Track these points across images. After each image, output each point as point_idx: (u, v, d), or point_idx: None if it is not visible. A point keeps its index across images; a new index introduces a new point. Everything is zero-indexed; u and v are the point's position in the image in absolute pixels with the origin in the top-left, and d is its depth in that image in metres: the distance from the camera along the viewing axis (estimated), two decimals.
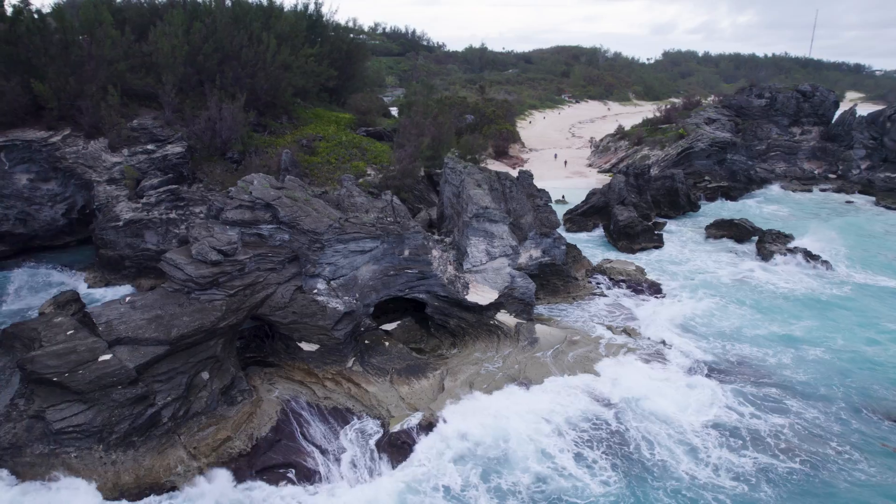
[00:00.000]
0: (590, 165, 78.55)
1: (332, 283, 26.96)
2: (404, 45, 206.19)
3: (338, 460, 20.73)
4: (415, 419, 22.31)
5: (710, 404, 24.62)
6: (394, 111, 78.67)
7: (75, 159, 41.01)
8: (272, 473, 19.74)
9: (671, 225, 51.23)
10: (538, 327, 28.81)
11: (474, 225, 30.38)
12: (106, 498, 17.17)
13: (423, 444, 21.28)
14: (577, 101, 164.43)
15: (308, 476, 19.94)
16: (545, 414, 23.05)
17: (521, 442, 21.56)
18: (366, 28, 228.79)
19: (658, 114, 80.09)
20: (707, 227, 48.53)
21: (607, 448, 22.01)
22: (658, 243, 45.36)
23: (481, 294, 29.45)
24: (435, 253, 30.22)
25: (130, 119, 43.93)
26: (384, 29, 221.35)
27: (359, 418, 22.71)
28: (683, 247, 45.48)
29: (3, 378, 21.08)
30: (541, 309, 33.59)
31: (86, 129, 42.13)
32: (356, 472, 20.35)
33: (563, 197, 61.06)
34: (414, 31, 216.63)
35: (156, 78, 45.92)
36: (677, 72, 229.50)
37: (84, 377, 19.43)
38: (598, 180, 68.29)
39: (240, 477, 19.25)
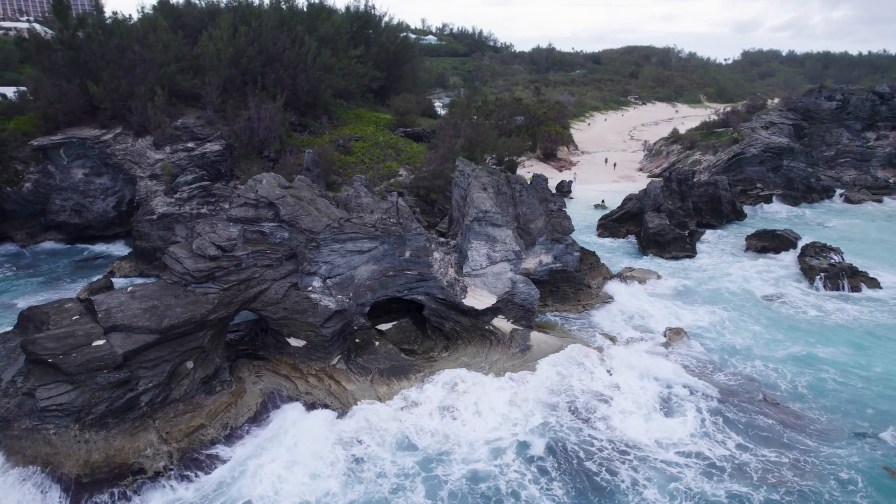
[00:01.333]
0: (640, 170, 76.05)
1: (327, 281, 27.60)
2: (470, 46, 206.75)
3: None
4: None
5: (691, 431, 22.78)
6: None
7: (123, 156, 44.00)
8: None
9: (711, 234, 48.80)
10: (534, 335, 28.31)
11: (476, 228, 30.22)
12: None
13: None
14: (643, 103, 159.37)
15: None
16: (493, 432, 22.49)
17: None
18: (433, 29, 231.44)
19: (716, 117, 76.38)
20: (748, 238, 45.89)
21: (557, 474, 20.91)
22: (690, 253, 43.34)
23: (479, 298, 29.26)
24: (436, 255, 30.32)
25: (176, 118, 46.68)
26: (451, 30, 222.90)
27: (337, 414, 23.24)
28: (717, 257, 43.19)
29: (12, 357, 23.00)
30: (547, 316, 32.98)
31: (135, 128, 45.15)
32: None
33: (602, 202, 59.53)
34: (481, 32, 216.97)
35: (203, 79, 48.50)
36: (756, 72, 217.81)
37: (75, 360, 20.90)
38: (646, 185, 66.06)
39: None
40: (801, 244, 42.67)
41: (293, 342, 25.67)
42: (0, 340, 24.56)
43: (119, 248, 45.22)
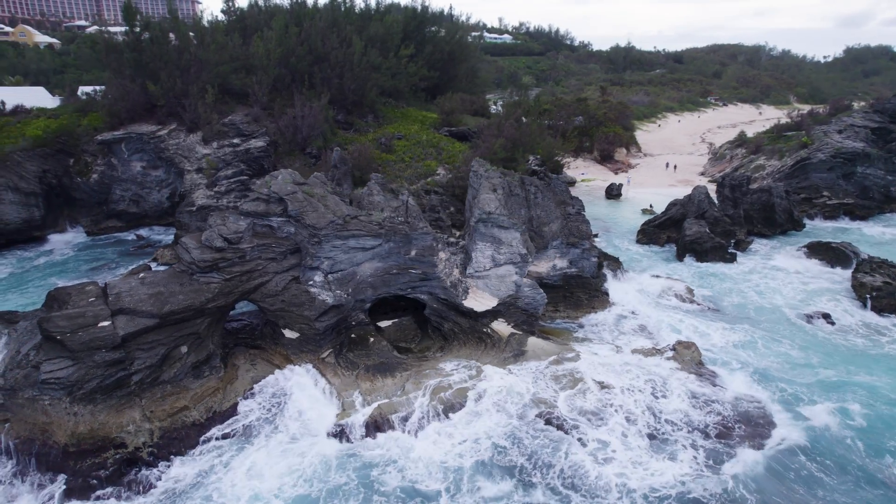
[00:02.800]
0: (702, 174, 72.31)
1: (329, 276, 28.27)
2: (546, 45, 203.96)
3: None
4: (361, 416, 22.88)
5: (674, 473, 20.66)
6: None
7: (175, 150, 46.94)
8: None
9: (760, 244, 45.66)
10: (531, 340, 27.69)
11: (481, 229, 29.94)
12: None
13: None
14: (723, 104, 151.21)
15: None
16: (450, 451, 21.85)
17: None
18: (510, 28, 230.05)
19: (790, 119, 71.31)
20: (798, 250, 42.58)
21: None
22: (730, 261, 40.76)
23: (479, 300, 28.99)
24: (442, 255, 30.31)
25: (226, 115, 49.23)
26: (528, 29, 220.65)
27: (318, 405, 23.83)
28: (760, 269, 40.32)
29: (34, 332, 25.16)
30: (557, 321, 32.16)
31: (187, 124, 48.05)
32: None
33: (650, 206, 57.20)
34: (557, 31, 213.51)
35: (253, 78, 50.84)
36: (860, 70, 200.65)
37: (80, 339, 22.63)
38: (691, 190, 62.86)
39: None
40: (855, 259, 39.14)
41: (288, 333, 26.52)
42: (30, 317, 26.94)
43: (171, 237, 48.26)
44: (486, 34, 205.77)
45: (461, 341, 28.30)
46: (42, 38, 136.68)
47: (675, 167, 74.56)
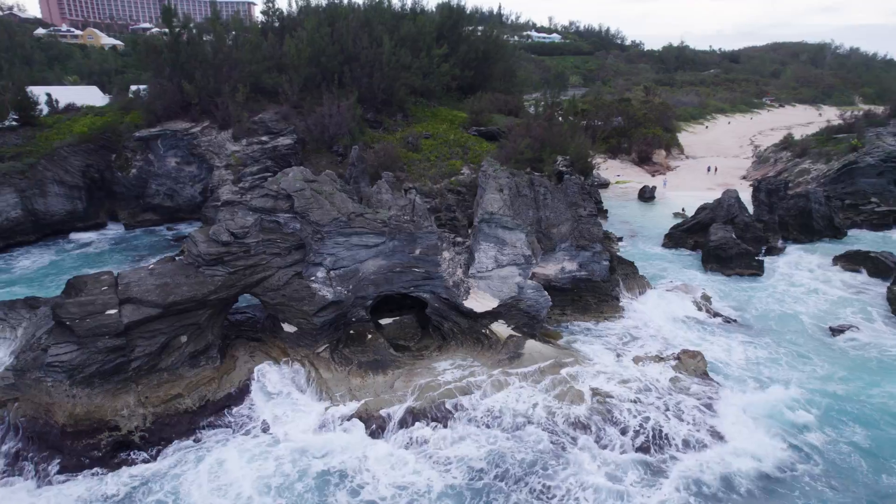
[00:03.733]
0: (744, 177, 69.49)
1: (331, 272, 28.64)
2: (595, 44, 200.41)
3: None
4: (349, 410, 23.09)
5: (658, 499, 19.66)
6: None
7: (207, 147, 48.60)
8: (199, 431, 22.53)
9: (795, 251, 43.43)
10: (529, 343, 27.24)
11: (485, 230, 29.70)
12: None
13: None
14: (779, 105, 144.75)
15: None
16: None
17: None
18: (559, 27, 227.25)
19: (842, 121, 67.61)
20: (835, 258, 40.28)
21: None
22: (756, 270, 38.94)
23: (479, 301, 28.75)
24: (446, 255, 30.25)
25: (257, 113, 50.60)
26: (577, 28, 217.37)
27: (309, 400, 24.21)
28: (790, 278, 38.30)
29: (51, 317, 26.54)
30: (562, 325, 31.56)
31: (219, 122, 49.64)
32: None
33: (682, 210, 55.39)
34: (608, 30, 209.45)
35: (285, 77, 52.06)
36: None
37: (86, 325, 23.74)
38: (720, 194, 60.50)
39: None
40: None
41: (286, 327, 27.04)
42: (50, 304, 28.42)
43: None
44: (533, 33, 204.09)
45: (459, 341, 28.17)
46: (108, 41, 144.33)
47: (716, 170, 71.92)
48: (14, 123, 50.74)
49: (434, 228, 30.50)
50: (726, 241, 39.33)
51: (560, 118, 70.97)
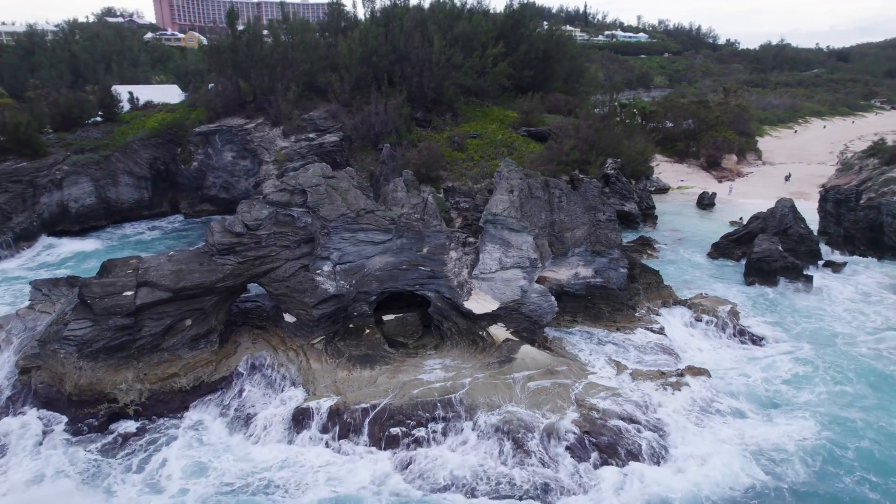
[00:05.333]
0: (823, 186, 63.90)
1: (337, 267, 29.31)
2: (684, 44, 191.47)
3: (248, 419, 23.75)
4: (327, 402, 23.55)
5: None
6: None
7: (259, 143, 51.09)
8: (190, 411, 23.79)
9: (857, 268, 39.40)
10: (524, 349, 26.51)
11: (491, 231, 29.30)
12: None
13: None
14: (891, 108, 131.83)
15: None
16: None
17: None
18: (647, 27, 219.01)
19: None
20: None
21: None
22: (805, 285, 35.71)
23: (480, 302, 28.40)
24: (453, 254, 30.14)
25: (309, 111, 52.58)
26: (666, 26, 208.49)
27: (295, 388, 24.97)
28: (841, 297, 34.80)
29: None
30: (570, 331, 30.53)
31: (272, 119, 52.02)
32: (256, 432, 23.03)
33: (740, 219, 51.90)
34: (699, 28, 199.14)
35: (336, 76, 53.70)
36: None
37: (103, 304, 25.75)
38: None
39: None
40: None
41: (287, 317, 27.99)
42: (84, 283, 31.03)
43: None
44: (619, 33, 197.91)
45: (455, 341, 28.00)
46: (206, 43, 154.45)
47: (790, 177, 66.75)
48: (99, 119, 55.75)
49: (443, 228, 30.49)
50: (770, 254, 36.43)
51: (619, 119, 68.78)
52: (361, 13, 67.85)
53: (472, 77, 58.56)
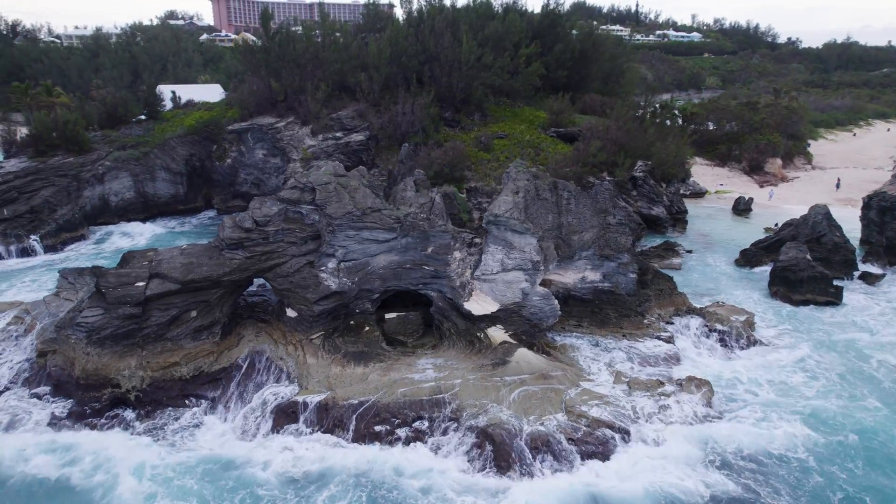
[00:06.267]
0: None
1: (341, 264, 29.70)
2: (740, 43, 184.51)
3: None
4: (317, 397, 23.87)
5: None
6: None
7: (288, 141, 52.29)
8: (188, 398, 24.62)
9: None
10: (520, 352, 26.11)
11: (494, 232, 29.06)
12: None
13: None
14: None
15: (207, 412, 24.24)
16: None
17: None
18: (702, 26, 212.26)
19: None
20: None
21: None
22: (833, 299, 33.77)
23: (480, 303, 28.19)
24: (457, 255, 30.07)
25: (338, 110, 53.40)
26: (722, 25, 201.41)
27: (289, 382, 25.44)
28: (870, 311, 32.76)
29: None
30: (573, 335, 29.92)
31: (302, 118, 53.12)
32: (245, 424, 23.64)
33: (776, 225, 49.58)
34: (756, 27, 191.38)
35: (365, 75, 54.30)
36: None
37: (116, 294, 26.91)
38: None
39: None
40: None
41: (289, 312, 28.54)
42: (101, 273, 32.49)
43: None
44: (671, 32, 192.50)
45: (453, 342, 27.90)
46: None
47: (840, 182, 63.36)
48: (143, 118, 58.35)
49: (448, 228, 30.44)
50: (797, 263, 34.64)
51: (657, 121, 66.84)
52: (399, 14, 68.20)
53: (503, 77, 58.11)
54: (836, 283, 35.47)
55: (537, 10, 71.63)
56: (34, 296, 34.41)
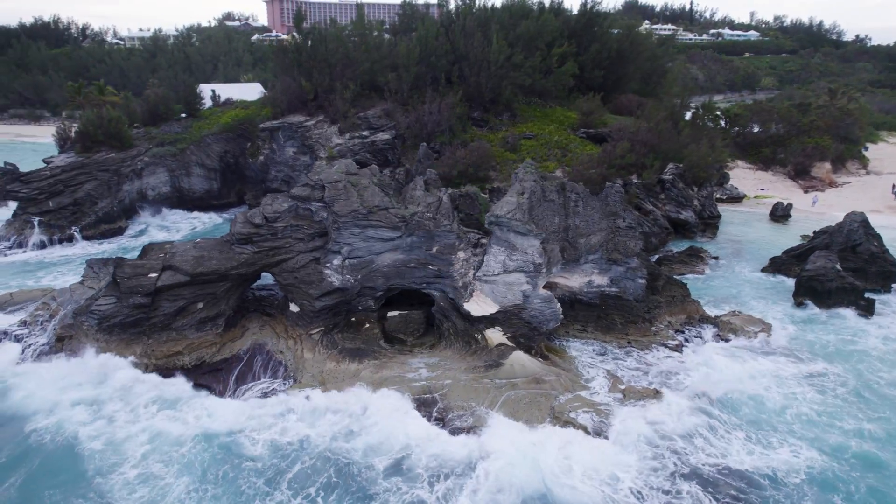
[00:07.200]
0: None
1: (346, 261, 30.03)
2: (801, 41, 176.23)
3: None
4: (308, 392, 24.20)
5: None
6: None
7: (317, 139, 53.26)
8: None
9: None
10: (515, 355, 25.69)
11: (497, 233, 28.74)
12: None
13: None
14: None
15: None
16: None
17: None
18: (762, 23, 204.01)
19: None
20: None
21: None
22: (865, 311, 31.81)
23: (479, 304, 27.92)
24: (461, 255, 29.93)
25: (367, 109, 54.01)
26: (782, 23, 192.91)
27: (284, 378, 25.91)
28: None
29: None
30: (575, 342, 29.28)
31: (331, 116, 53.98)
32: None
33: (813, 233, 47.10)
34: (820, 24, 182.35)
35: (395, 75, 54.67)
36: None
37: (129, 283, 28.05)
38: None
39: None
40: None
41: (292, 307, 29.07)
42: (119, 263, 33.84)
43: None
44: (726, 31, 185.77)
45: (450, 342, 27.79)
46: None
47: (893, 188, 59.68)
48: (183, 116, 60.58)
49: (453, 228, 30.34)
50: (825, 272, 32.78)
51: (701, 123, 64.66)
52: (435, 13, 68.40)
53: (534, 77, 57.43)
54: (869, 295, 33.45)
55: (577, 9, 70.55)
56: (67, 284, 36.33)
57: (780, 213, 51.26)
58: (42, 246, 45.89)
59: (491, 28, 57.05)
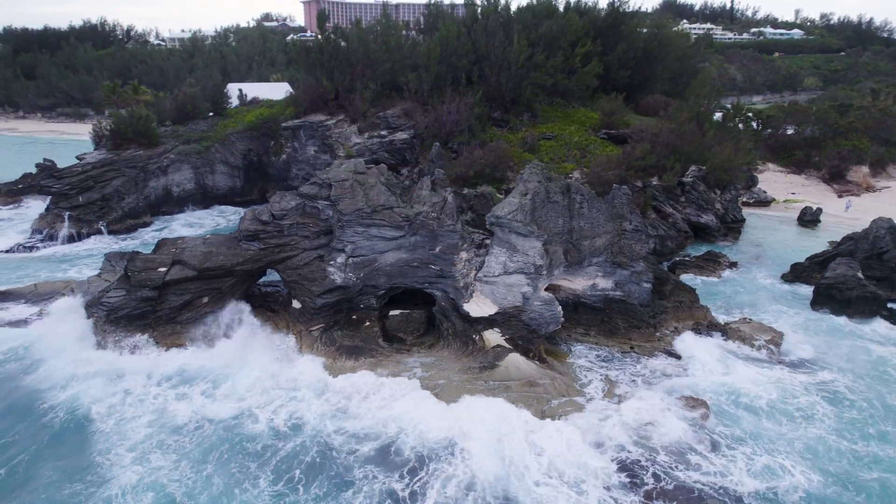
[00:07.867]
0: None
1: (349, 259, 30.27)
2: (849, 40, 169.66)
3: None
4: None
5: None
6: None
7: (336, 138, 53.80)
8: None
9: None
10: (511, 357, 25.41)
11: (498, 234, 28.51)
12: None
13: None
14: None
15: None
16: None
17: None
18: (807, 22, 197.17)
19: None
20: None
21: None
22: (890, 321, 30.36)
23: (479, 305, 27.75)
24: (464, 255, 29.85)
25: (387, 108, 54.27)
26: (829, 21, 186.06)
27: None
28: None
29: None
30: (577, 346, 28.80)
31: (351, 116, 54.43)
32: None
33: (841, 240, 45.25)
34: (870, 21, 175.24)
35: (415, 75, 54.78)
36: None
37: (139, 277, 28.87)
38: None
39: None
40: None
41: (294, 303, 29.45)
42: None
43: None
44: (768, 30, 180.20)
45: (448, 342, 27.71)
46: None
47: None
48: (210, 114, 62.03)
49: (457, 228, 30.25)
50: (845, 281, 31.45)
51: (731, 124, 63.01)
52: (461, 13, 68.14)
53: (557, 77, 56.71)
54: (893, 305, 31.99)
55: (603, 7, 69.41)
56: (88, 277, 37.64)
57: (809, 218, 49.46)
58: (71, 239, 47.60)
59: (513, 27, 56.62)
